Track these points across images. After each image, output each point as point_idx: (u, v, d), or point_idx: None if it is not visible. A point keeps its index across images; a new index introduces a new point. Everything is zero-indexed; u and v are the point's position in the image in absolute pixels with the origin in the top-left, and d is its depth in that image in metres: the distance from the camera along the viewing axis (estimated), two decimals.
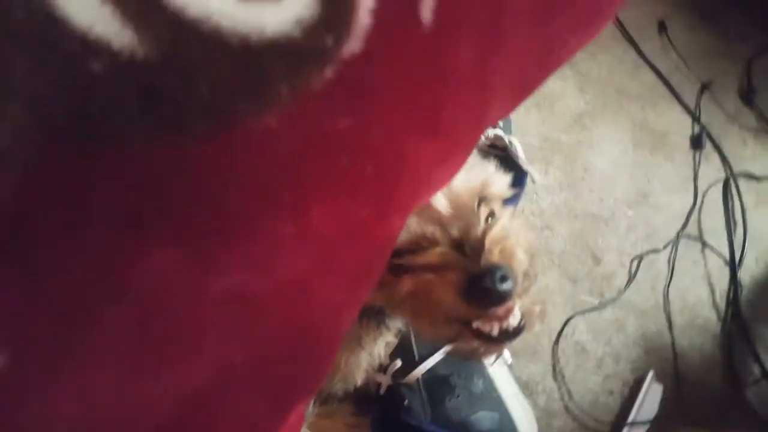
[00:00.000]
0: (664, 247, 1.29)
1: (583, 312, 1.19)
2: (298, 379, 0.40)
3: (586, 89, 1.43)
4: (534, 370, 1.13)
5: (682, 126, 1.44)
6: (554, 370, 1.14)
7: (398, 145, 0.36)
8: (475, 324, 0.55)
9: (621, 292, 1.22)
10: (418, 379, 0.93)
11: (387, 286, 0.58)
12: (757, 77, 1.52)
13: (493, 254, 0.53)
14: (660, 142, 1.41)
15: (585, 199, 1.31)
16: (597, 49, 1.48)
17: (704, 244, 1.31)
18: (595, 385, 1.14)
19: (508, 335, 0.55)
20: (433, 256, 0.54)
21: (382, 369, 0.99)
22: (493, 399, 0.94)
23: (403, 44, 0.32)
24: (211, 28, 0.25)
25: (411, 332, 0.97)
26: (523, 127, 1.34)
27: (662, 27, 1.53)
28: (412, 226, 0.55)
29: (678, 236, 1.30)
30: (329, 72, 0.29)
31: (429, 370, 0.94)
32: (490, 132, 1.17)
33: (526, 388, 1.10)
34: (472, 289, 0.51)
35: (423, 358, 0.95)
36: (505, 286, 0.51)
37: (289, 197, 0.32)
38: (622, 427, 1.10)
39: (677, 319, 1.22)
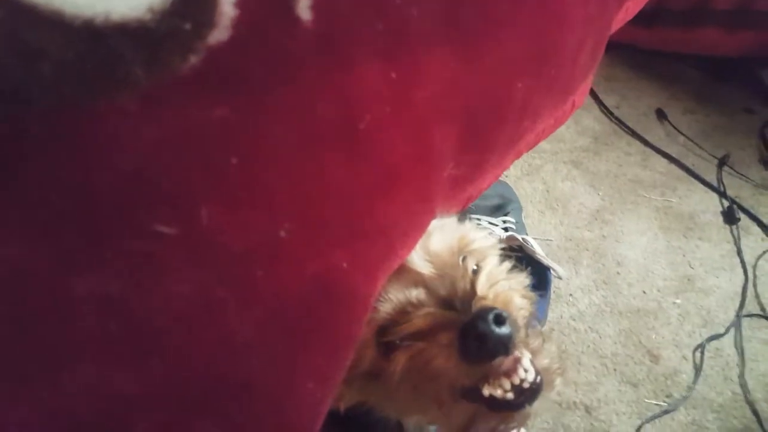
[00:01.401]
0: (726, 330, 1.16)
1: (652, 418, 1.04)
2: None
3: (598, 186, 1.39)
4: None
5: (709, 204, 1.37)
6: None
7: (303, 153, 0.32)
8: (487, 392, 0.46)
9: (691, 388, 1.08)
10: None
11: (382, 375, 0.51)
12: None
13: (486, 300, 0.46)
14: (690, 224, 1.33)
15: (625, 294, 1.21)
16: (600, 147, 1.47)
17: None
18: None
19: (525, 395, 0.47)
20: (419, 320, 0.47)
21: None
22: None
23: (282, 39, 0.30)
24: (50, 10, 0.25)
25: None
26: (542, 231, 1.29)
27: (661, 115, 1.53)
28: (393, 292, 0.49)
29: (738, 317, 1.17)
30: (194, 59, 0.28)
31: None
32: (503, 234, 1.12)
33: None
34: (467, 340, 0.44)
35: None
36: (503, 329, 0.44)
37: (166, 191, 0.29)
38: None
39: (764, 409, 1.06)
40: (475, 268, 0.52)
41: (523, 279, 0.55)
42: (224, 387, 0.33)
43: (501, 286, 0.50)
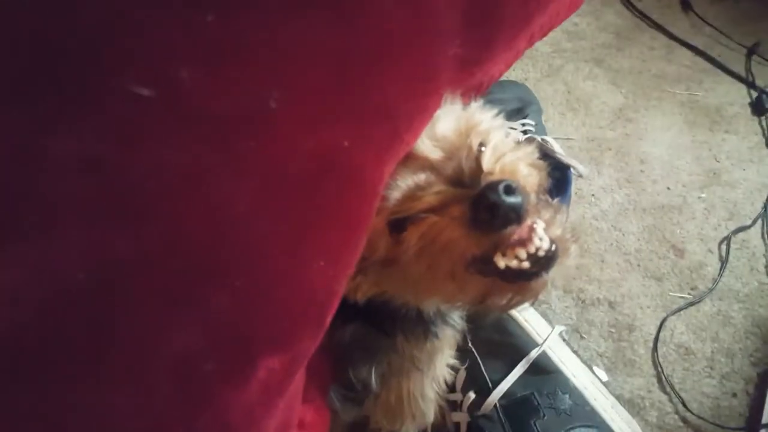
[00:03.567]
0: (753, 222, 1.14)
1: (677, 311, 1.05)
2: (231, 312, 0.33)
3: (620, 83, 1.35)
4: (636, 384, 0.98)
5: (736, 95, 1.32)
6: (659, 380, 0.99)
7: (284, 11, 0.31)
8: (502, 263, 0.47)
9: (716, 280, 1.08)
10: (495, 406, 0.83)
11: (396, 261, 0.51)
12: None
13: (493, 174, 0.46)
14: (717, 117, 1.29)
15: (649, 191, 1.19)
16: (622, 43, 1.42)
17: None
18: (712, 388, 0.98)
19: (540, 262, 0.47)
20: (430, 197, 0.47)
21: (457, 406, 0.89)
22: (586, 413, 0.82)
23: None
24: None
25: (479, 359, 0.88)
26: (563, 133, 1.27)
27: (686, 5, 1.46)
28: (402, 179, 0.49)
29: (766, 208, 1.15)
30: None
31: (505, 395, 0.83)
32: (521, 137, 1.11)
33: (631, 405, 0.96)
34: (479, 211, 0.44)
35: (496, 383, 0.84)
36: (513, 198, 0.43)
37: (138, 49, 0.28)
38: (758, 431, 0.93)
39: None
40: (480, 146, 0.51)
41: (530, 150, 0.54)
42: (227, 256, 0.33)
43: (507, 158, 0.50)
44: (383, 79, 0.39)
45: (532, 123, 1.15)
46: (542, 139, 1.04)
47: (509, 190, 0.43)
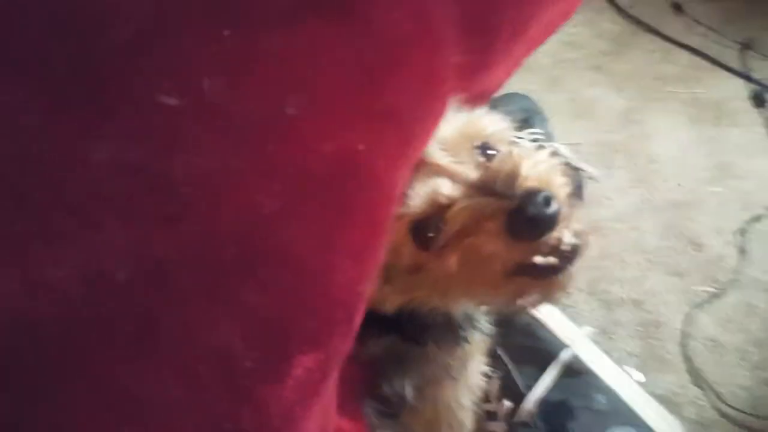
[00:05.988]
0: None
1: (701, 304, 1.05)
2: (266, 310, 0.35)
3: (622, 87, 1.37)
4: (669, 380, 0.98)
5: (736, 90, 1.34)
6: (691, 374, 0.99)
7: (293, 20, 0.33)
8: (535, 260, 0.47)
9: (737, 271, 1.08)
10: (532, 414, 0.83)
11: (424, 268, 0.52)
12: None
13: (529, 180, 0.47)
14: (719, 112, 1.31)
15: (662, 189, 1.21)
16: (620, 48, 1.44)
17: None
18: (745, 379, 0.98)
19: (565, 256, 0.48)
20: (460, 215, 0.48)
21: (493, 417, 0.89)
22: (622, 412, 0.82)
23: None
24: None
25: (510, 366, 0.88)
26: (570, 139, 1.28)
27: (677, 8, 1.49)
28: (418, 186, 0.49)
29: None
30: None
31: (542, 402, 0.83)
32: (531, 145, 1.12)
33: (668, 402, 0.95)
34: (518, 224, 0.45)
35: (530, 389, 0.84)
36: (552, 208, 0.44)
37: (162, 62, 0.30)
38: None
39: None
40: (489, 150, 0.52)
41: (559, 159, 0.55)
42: (258, 256, 0.35)
43: (542, 167, 0.50)
44: (391, 84, 0.41)
45: (540, 132, 1.17)
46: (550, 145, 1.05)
47: (548, 201, 0.44)
